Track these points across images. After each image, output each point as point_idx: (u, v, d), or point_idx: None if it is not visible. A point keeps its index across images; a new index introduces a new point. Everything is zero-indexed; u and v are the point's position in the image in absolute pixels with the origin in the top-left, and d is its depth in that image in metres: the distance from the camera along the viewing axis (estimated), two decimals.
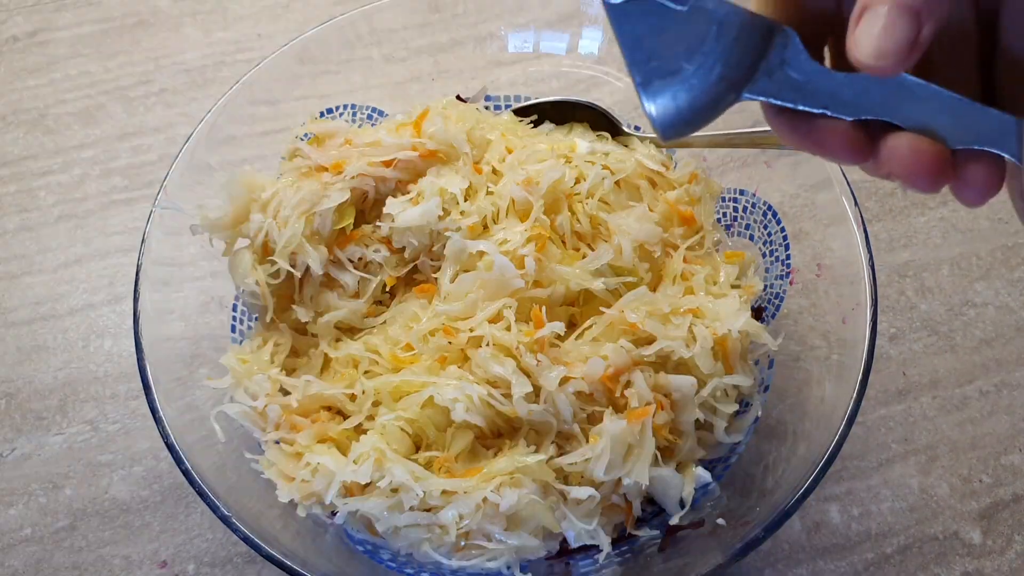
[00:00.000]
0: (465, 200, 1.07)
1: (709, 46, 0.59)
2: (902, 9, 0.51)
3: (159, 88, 1.51)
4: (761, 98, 0.61)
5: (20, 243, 1.35)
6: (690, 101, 0.60)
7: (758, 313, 1.10)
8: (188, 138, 1.09)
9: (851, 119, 0.59)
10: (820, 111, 0.59)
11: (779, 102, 0.60)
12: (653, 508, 1.02)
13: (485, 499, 0.91)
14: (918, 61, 0.53)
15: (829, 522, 1.10)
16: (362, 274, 1.08)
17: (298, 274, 1.05)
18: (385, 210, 1.07)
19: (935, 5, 0.52)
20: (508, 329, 0.98)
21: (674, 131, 0.62)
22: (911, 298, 1.26)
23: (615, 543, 0.98)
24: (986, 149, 0.56)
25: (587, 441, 0.95)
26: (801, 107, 0.60)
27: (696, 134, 0.63)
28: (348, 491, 0.95)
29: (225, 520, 0.88)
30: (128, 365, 1.23)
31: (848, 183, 1.02)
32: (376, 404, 0.99)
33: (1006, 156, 0.56)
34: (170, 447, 0.91)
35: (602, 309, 1.01)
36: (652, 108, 0.61)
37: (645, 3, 0.58)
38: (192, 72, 1.53)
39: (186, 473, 0.90)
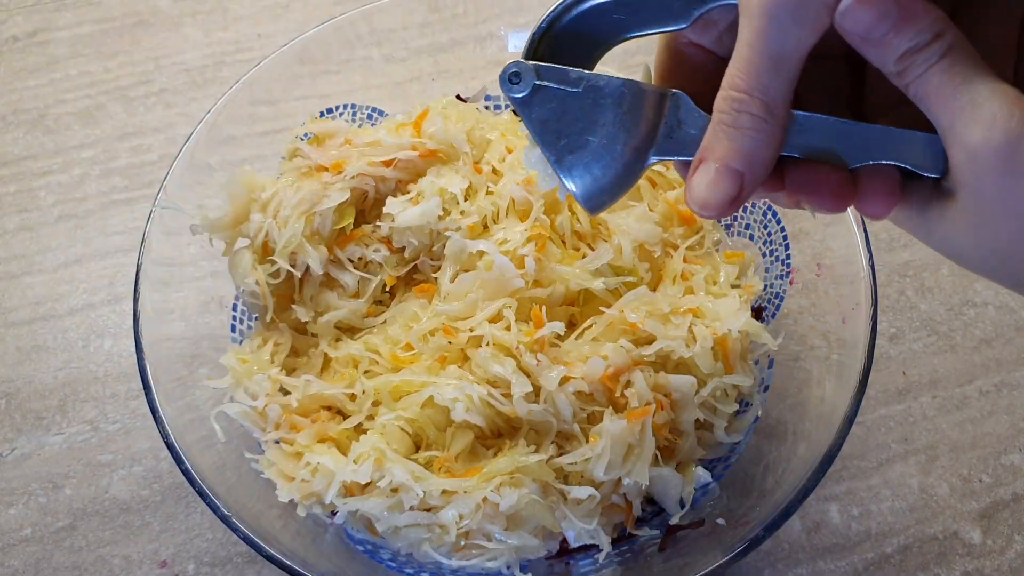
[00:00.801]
0: (465, 200, 1.07)
1: (608, 117, 0.65)
2: (727, 170, 0.59)
3: (159, 88, 1.51)
4: (668, 158, 0.66)
5: (20, 243, 1.35)
6: (603, 170, 0.65)
7: (758, 313, 1.10)
8: (188, 138, 1.09)
9: None
10: None
11: (685, 158, 0.64)
12: (653, 508, 1.02)
13: (485, 499, 0.92)
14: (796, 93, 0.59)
15: (829, 522, 1.10)
16: (362, 274, 1.08)
17: (298, 274, 1.06)
18: (385, 210, 1.07)
19: (758, 171, 0.59)
20: (508, 329, 0.98)
21: (597, 202, 0.67)
22: (911, 298, 1.25)
23: (615, 543, 0.98)
24: (880, 163, 0.60)
25: (587, 441, 0.95)
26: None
27: None
28: (348, 491, 0.96)
29: (225, 520, 0.88)
30: (128, 365, 1.23)
31: None
32: (376, 404, 0.99)
33: (900, 165, 0.60)
34: (170, 447, 0.91)
35: (602, 309, 1.01)
36: (572, 186, 0.66)
37: (544, 91, 0.65)
38: (192, 72, 1.53)
39: (186, 473, 0.90)
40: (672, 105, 0.65)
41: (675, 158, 0.66)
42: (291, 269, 1.04)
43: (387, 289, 1.10)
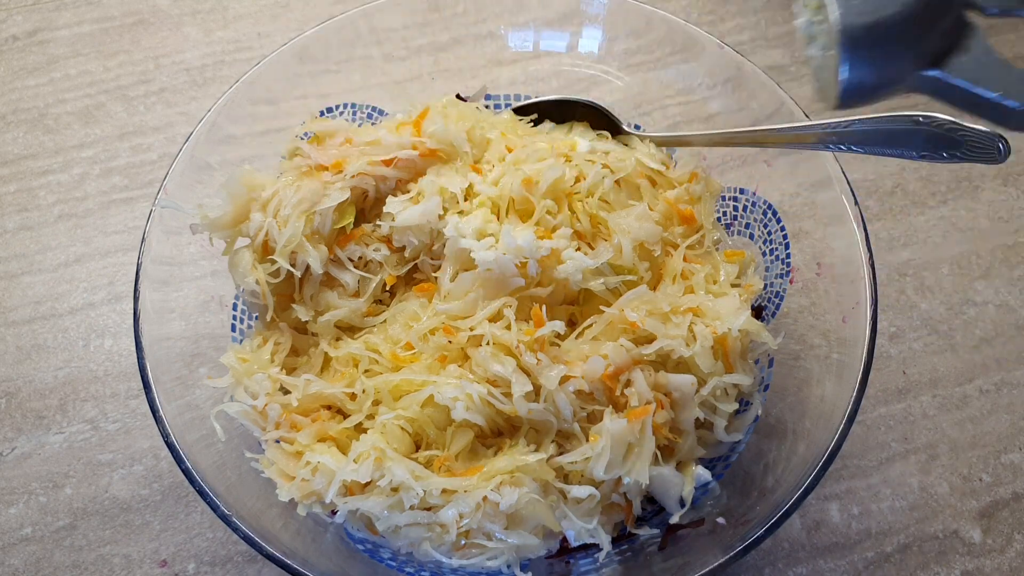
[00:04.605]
0: (465, 200, 1.07)
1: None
2: None
3: (159, 87, 1.51)
4: (941, 74, 0.67)
5: (20, 242, 1.35)
6: (884, 41, 0.66)
7: (758, 312, 1.10)
8: (188, 137, 1.09)
9: (1019, 106, 0.66)
10: (995, 96, 0.66)
11: (960, 82, 0.66)
12: (653, 507, 1.02)
13: (485, 498, 0.92)
14: None
15: (829, 521, 1.10)
16: (362, 273, 1.08)
17: (298, 273, 1.05)
18: (385, 209, 1.07)
19: None
20: (508, 328, 0.98)
21: (857, 88, 0.69)
22: (911, 297, 1.26)
23: (615, 542, 0.99)
24: None
25: (587, 440, 0.95)
26: (979, 91, 0.66)
27: (696, 132, 0.66)
28: (348, 490, 0.95)
29: (225, 519, 0.88)
30: (128, 364, 1.23)
31: (848, 182, 1.02)
32: (376, 403, 0.99)
33: None
34: (170, 446, 0.91)
35: (602, 308, 1.01)
36: (843, 58, 0.67)
37: None
38: (192, 71, 1.53)
39: (186, 472, 0.90)
40: (967, 33, 0.67)
41: (951, 78, 0.67)
42: (291, 269, 1.04)
43: (387, 288, 1.09)
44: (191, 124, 1.26)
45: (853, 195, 1.02)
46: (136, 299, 0.99)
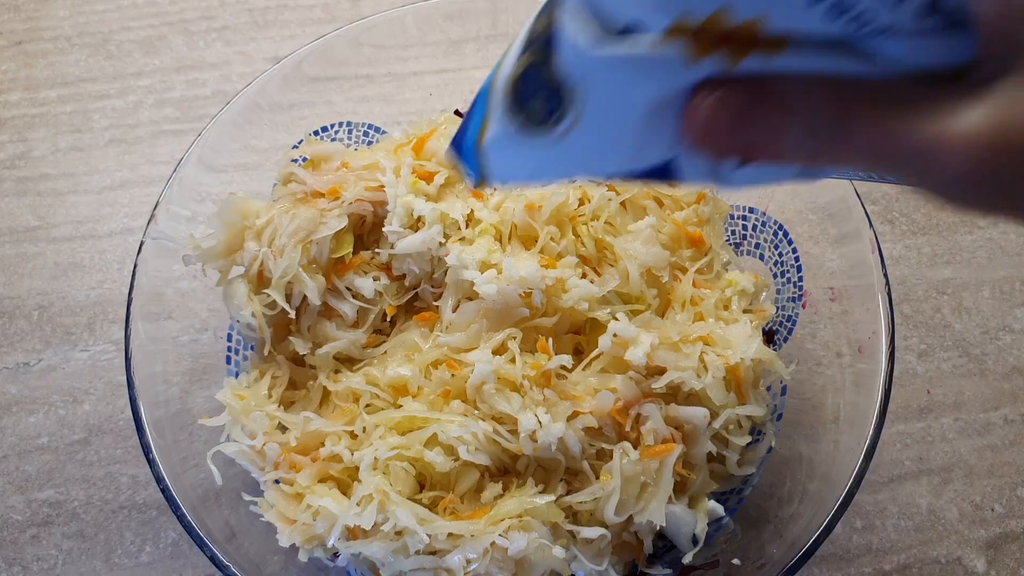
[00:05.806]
0: (467, 226, 1.04)
1: None
2: None
3: (221, 25, 1.52)
4: None
5: (70, 162, 1.39)
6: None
7: (770, 336, 1.07)
8: (179, 162, 1.08)
9: None
10: None
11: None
12: (664, 542, 1.01)
13: (493, 543, 0.90)
14: None
15: None
16: (361, 303, 1.05)
17: (292, 312, 1.04)
18: (385, 229, 1.04)
19: None
20: (513, 362, 0.96)
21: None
22: (946, 316, 1.22)
23: None
24: None
25: (596, 477, 0.94)
26: None
27: None
28: (351, 534, 0.95)
29: (223, 569, 0.88)
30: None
31: (862, 202, 0.98)
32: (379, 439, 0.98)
33: None
34: (163, 489, 0.91)
35: None
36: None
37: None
38: (255, 12, 1.53)
39: (181, 518, 0.90)
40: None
41: None
42: (286, 306, 1.02)
43: (387, 318, 1.07)
44: (248, 64, 1.26)
45: (867, 216, 0.98)
46: (127, 338, 0.98)
